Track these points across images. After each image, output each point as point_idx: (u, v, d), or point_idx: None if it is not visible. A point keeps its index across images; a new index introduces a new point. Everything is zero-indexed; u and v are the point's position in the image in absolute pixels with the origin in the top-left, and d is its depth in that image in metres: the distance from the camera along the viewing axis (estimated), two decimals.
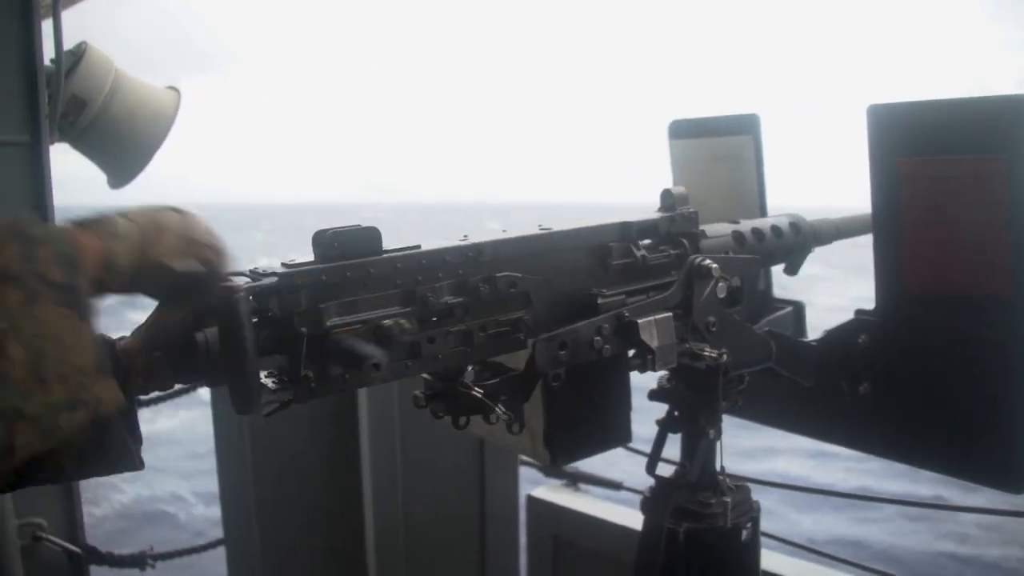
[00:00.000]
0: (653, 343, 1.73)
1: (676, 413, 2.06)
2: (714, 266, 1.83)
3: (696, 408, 2.00)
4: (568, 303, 1.76)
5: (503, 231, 1.75)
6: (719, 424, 2.03)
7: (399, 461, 4.02)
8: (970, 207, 1.95)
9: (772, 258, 2.23)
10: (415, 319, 1.55)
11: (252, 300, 1.36)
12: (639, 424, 2.03)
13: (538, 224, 1.81)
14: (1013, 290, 1.90)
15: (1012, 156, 1.84)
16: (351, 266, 1.50)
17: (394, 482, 4.04)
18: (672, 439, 2.10)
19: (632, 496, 3.72)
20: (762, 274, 2.47)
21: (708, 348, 1.82)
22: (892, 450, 2.21)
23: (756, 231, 2.19)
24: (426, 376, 1.73)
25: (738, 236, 2.15)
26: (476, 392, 1.66)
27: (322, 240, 1.49)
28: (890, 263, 2.12)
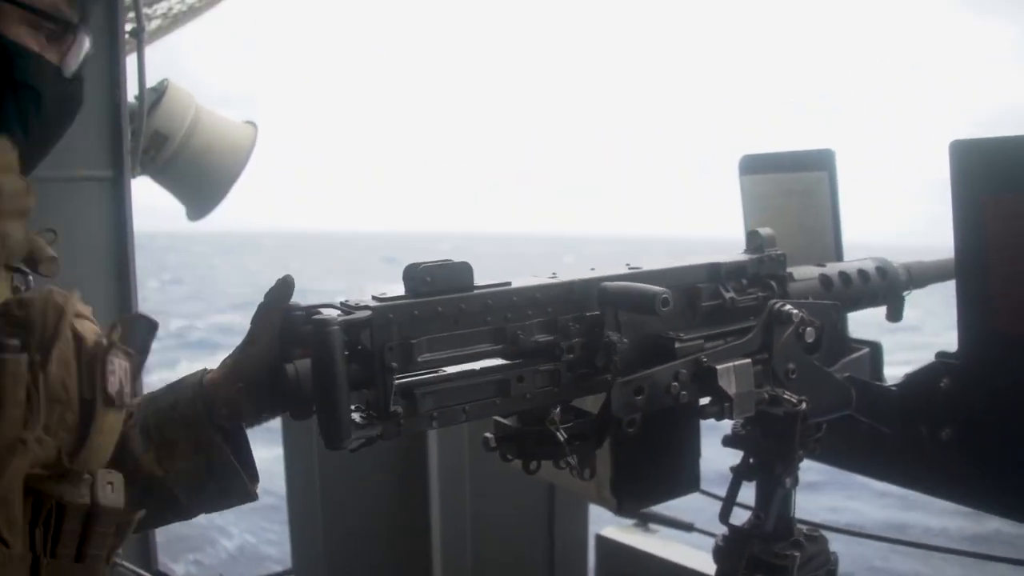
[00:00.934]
0: (731, 390, 1.66)
1: (751, 460, 1.99)
2: (795, 311, 1.76)
3: (772, 456, 1.91)
4: (651, 345, 1.70)
5: (592, 269, 1.71)
6: (795, 472, 1.94)
7: (468, 499, 4.00)
8: None
9: (858, 303, 2.16)
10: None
11: (344, 333, 1.35)
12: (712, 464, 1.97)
13: (626, 263, 1.77)
14: None
15: None
16: (443, 302, 1.48)
17: (463, 520, 4.01)
18: (745, 485, 2.02)
19: (703, 539, 3.61)
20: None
21: (788, 394, 1.74)
22: (977, 499, 2.11)
23: (843, 275, 2.12)
24: (498, 418, 1.69)
25: (825, 280, 2.08)
26: (561, 434, 1.61)
27: (414, 274, 1.48)
28: (975, 303, 2.03)
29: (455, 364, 1.51)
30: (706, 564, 3.29)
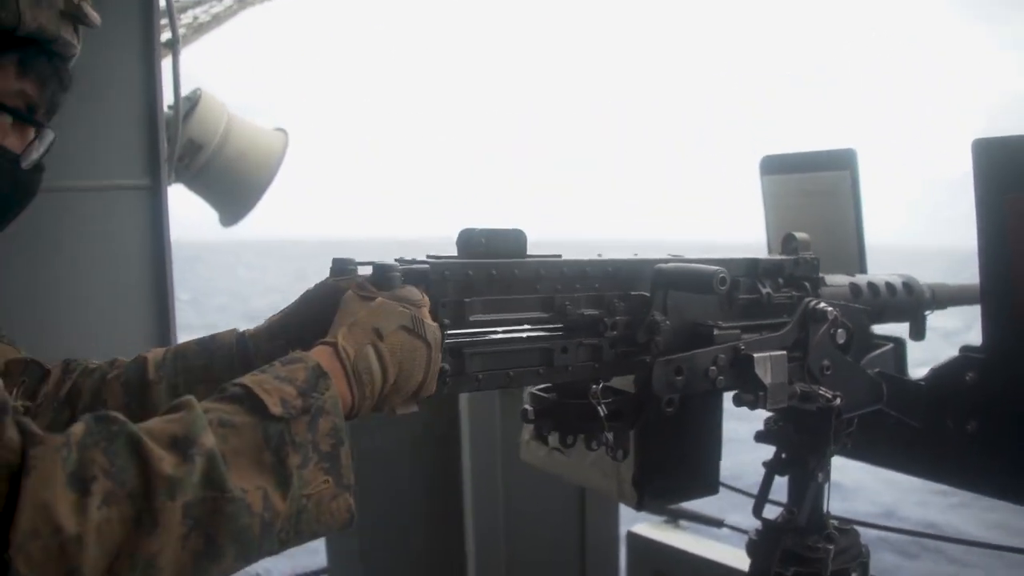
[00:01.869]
0: (767, 379, 1.71)
1: (783, 455, 2.04)
2: (830, 309, 1.82)
3: (805, 451, 1.97)
4: (689, 332, 1.75)
5: (635, 254, 1.76)
6: (828, 467, 2.00)
7: (500, 495, 4.04)
8: None
9: (882, 315, 2.21)
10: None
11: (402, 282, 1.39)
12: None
13: (668, 252, 1.82)
14: None
15: None
16: (497, 265, 1.53)
17: (496, 516, 4.05)
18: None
19: (732, 534, 3.67)
20: None
21: (823, 390, 1.79)
22: (1003, 490, 2.15)
23: (872, 285, 2.19)
24: (535, 391, 1.74)
25: (855, 288, 2.15)
26: (602, 409, 1.66)
27: (470, 238, 1.52)
28: (999, 298, 2.07)
29: (503, 328, 1.54)
30: (736, 559, 3.32)
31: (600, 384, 1.69)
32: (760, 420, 2.05)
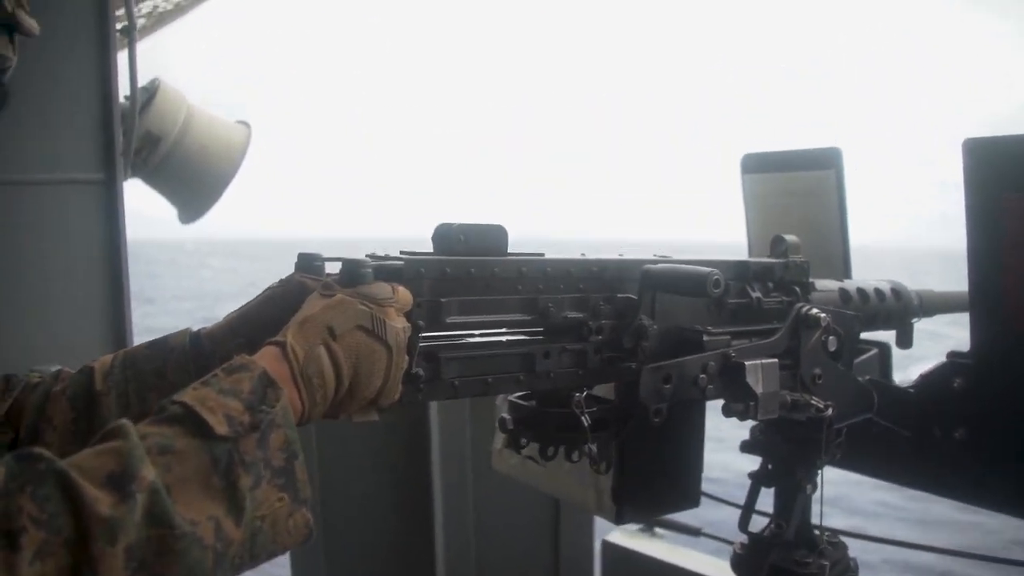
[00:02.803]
0: (758, 388, 1.62)
1: (770, 466, 1.96)
2: (822, 315, 1.73)
3: (793, 462, 1.89)
4: (677, 338, 1.66)
5: (620, 254, 1.66)
6: (816, 478, 1.92)
7: (471, 504, 3.95)
8: None
9: (871, 322, 2.14)
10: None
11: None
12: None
13: (653, 252, 1.72)
14: None
15: None
16: (477, 263, 1.42)
17: (466, 526, 3.95)
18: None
19: (710, 543, 3.56)
20: None
21: (815, 399, 1.71)
22: (991, 500, 2.09)
23: (861, 291, 2.11)
24: (514, 399, 1.64)
25: (844, 293, 2.06)
26: (586, 418, 1.55)
27: (447, 233, 1.42)
28: (988, 303, 2.01)
29: (482, 331, 1.45)
30: (715, 569, 3.26)
31: (583, 392, 1.59)
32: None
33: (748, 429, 2.00)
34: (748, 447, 1.99)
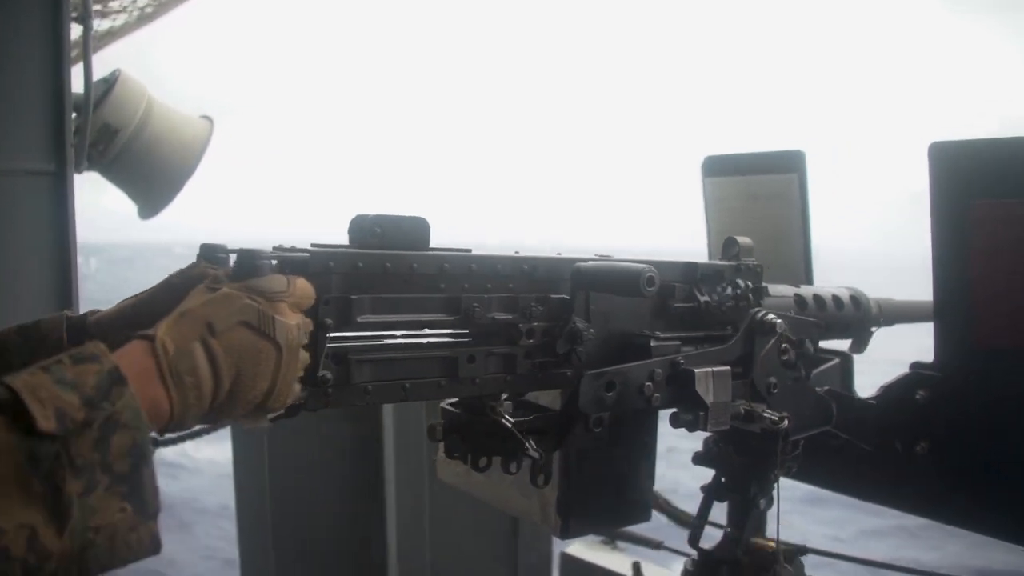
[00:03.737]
0: (708, 398, 1.53)
1: (723, 479, 1.89)
2: (778, 321, 1.65)
3: (747, 475, 1.82)
4: (620, 342, 1.56)
5: (558, 253, 1.56)
6: (771, 493, 1.85)
7: (428, 514, 3.84)
8: None
9: (829, 330, 2.07)
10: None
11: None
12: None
13: (595, 252, 1.62)
14: None
15: None
16: (393, 257, 1.32)
17: (422, 536, 3.85)
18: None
19: (672, 557, 3.49)
20: None
21: (769, 411, 1.63)
22: (953, 515, 2.03)
23: (818, 298, 2.04)
24: (447, 406, 1.55)
25: (800, 300, 1.98)
26: (507, 422, 1.47)
27: (363, 224, 1.32)
28: (955, 313, 1.96)
29: (399, 332, 1.35)
30: None
31: (504, 398, 1.50)
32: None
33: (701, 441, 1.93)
34: (701, 459, 1.92)
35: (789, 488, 2.12)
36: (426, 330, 1.38)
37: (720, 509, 1.92)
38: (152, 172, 4.54)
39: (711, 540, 1.92)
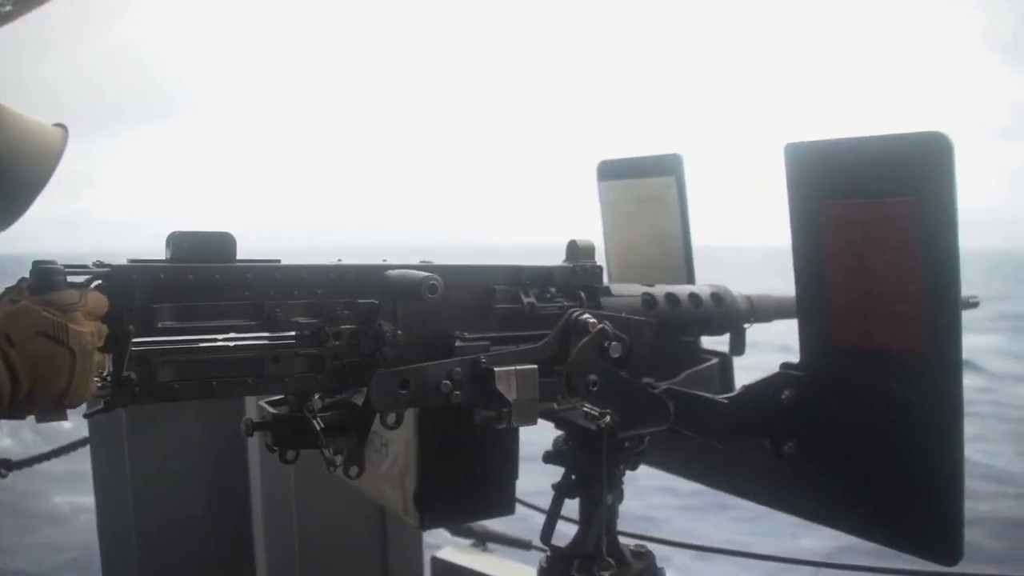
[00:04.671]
0: (511, 395, 1.58)
1: (573, 476, 1.91)
2: (592, 321, 1.68)
3: (591, 471, 1.84)
4: (432, 343, 1.64)
5: (383, 260, 1.65)
6: (619, 488, 1.87)
7: (295, 519, 3.79)
8: (887, 254, 1.78)
9: (687, 327, 2.09)
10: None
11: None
12: None
13: (420, 259, 1.70)
14: (932, 348, 1.72)
15: (923, 199, 1.67)
16: (195, 269, 1.43)
17: (290, 542, 3.80)
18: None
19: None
20: None
21: (588, 406, 1.66)
22: (818, 513, 2.05)
23: (671, 296, 2.06)
24: (264, 403, 1.63)
25: (648, 299, 2.01)
26: (318, 423, 1.55)
27: (174, 240, 1.43)
28: (814, 312, 1.96)
29: (204, 336, 1.45)
30: None
31: (317, 396, 1.57)
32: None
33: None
34: (550, 457, 1.94)
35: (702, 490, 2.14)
36: (232, 334, 1.47)
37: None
38: (3, 183, 4.47)
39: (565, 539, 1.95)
